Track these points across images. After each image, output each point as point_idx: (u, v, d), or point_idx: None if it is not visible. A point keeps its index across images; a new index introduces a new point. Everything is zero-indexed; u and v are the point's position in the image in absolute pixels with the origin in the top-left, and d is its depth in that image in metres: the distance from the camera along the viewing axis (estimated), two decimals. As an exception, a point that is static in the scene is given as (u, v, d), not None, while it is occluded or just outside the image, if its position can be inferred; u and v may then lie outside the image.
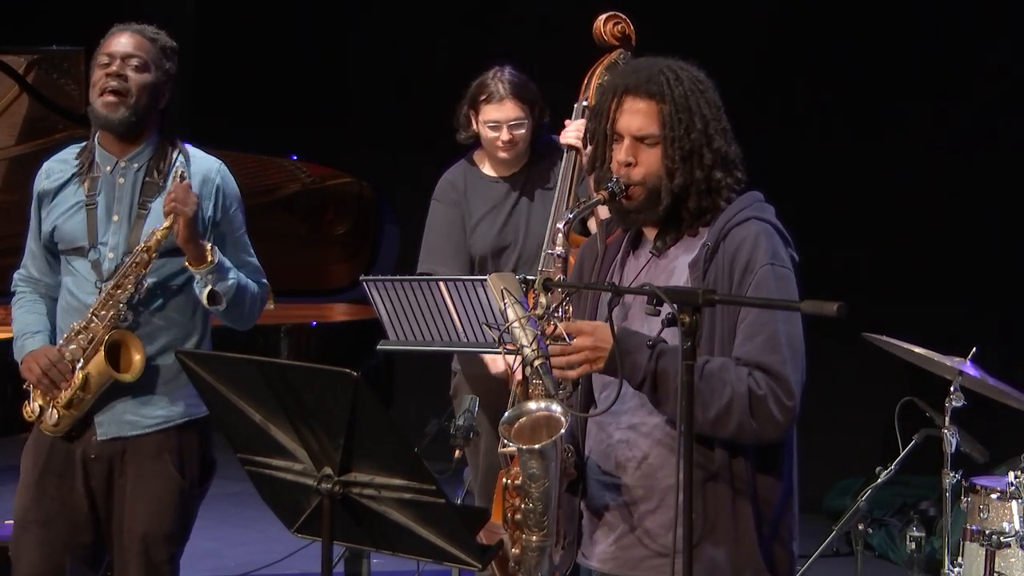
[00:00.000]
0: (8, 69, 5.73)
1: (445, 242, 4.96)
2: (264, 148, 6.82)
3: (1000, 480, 4.98)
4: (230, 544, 7.25)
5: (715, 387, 3.01)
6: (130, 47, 4.07)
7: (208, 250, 4.01)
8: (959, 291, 7.69)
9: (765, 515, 3.11)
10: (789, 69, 8.20)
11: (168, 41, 4.15)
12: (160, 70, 4.09)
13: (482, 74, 4.92)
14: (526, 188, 4.96)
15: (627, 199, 3.14)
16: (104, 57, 4.07)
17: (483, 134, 4.91)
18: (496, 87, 4.86)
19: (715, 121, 3.14)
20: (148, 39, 4.10)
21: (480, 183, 5.00)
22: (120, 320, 4.03)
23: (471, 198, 4.98)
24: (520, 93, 4.86)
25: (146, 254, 4.00)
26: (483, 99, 4.87)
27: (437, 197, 5.04)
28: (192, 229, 3.97)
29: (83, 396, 4.04)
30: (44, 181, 4.20)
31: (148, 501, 4.07)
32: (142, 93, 4.05)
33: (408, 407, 7.28)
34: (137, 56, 4.06)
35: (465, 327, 4.54)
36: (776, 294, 3.06)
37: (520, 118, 4.87)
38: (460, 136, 4.98)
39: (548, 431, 3.04)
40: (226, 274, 4.06)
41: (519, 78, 4.90)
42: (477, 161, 5.05)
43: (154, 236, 4.00)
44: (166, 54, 4.12)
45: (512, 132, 4.87)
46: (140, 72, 4.06)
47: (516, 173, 4.99)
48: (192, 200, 3.98)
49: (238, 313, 4.13)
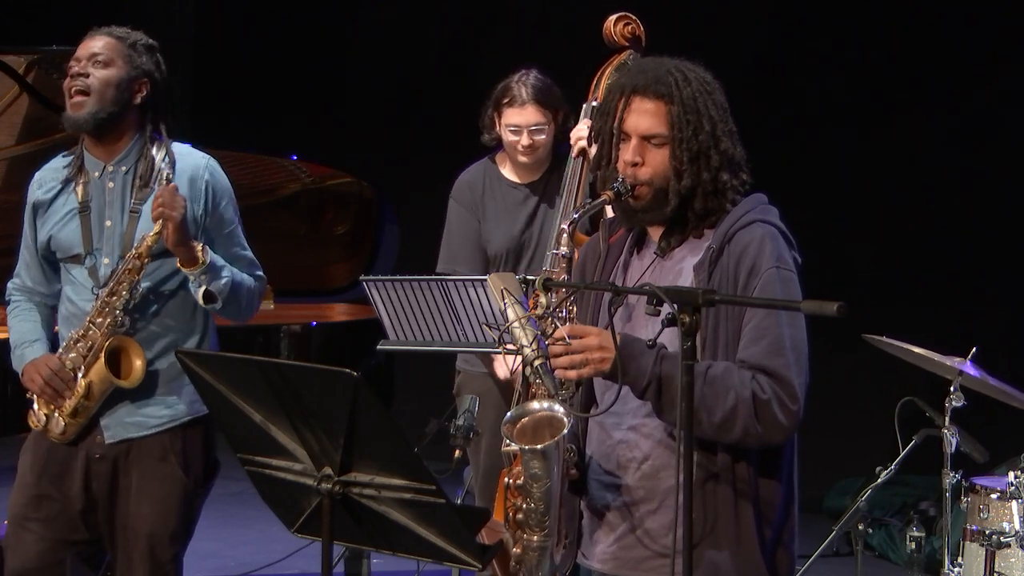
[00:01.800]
0: (8, 69, 5.72)
1: (464, 244, 4.96)
2: (264, 148, 6.81)
3: (1000, 480, 4.98)
4: (230, 544, 7.24)
5: (719, 392, 3.00)
6: (94, 48, 4.06)
7: (199, 251, 4.00)
8: (959, 291, 7.69)
9: (766, 516, 3.11)
10: (790, 70, 8.21)
11: (142, 38, 4.13)
12: (130, 65, 4.06)
13: (508, 76, 4.89)
14: (546, 195, 4.94)
15: (633, 199, 3.14)
16: (72, 63, 4.08)
17: (504, 137, 4.89)
18: (519, 91, 4.83)
19: (722, 123, 3.14)
20: (115, 37, 4.09)
21: (498, 185, 4.99)
22: (118, 326, 4.02)
23: (487, 200, 4.97)
24: (543, 98, 4.83)
25: (138, 260, 3.99)
26: (506, 102, 4.84)
27: (455, 197, 5.03)
28: (181, 233, 3.94)
29: (87, 404, 4.03)
30: (37, 191, 4.19)
31: (154, 501, 4.07)
32: (106, 87, 4.03)
33: (408, 407, 7.28)
34: (100, 54, 4.05)
35: (465, 327, 4.54)
36: (781, 297, 3.06)
37: (541, 123, 4.85)
38: (484, 138, 4.96)
39: (550, 431, 3.04)
40: (219, 272, 4.05)
41: (543, 83, 4.86)
42: (499, 163, 5.03)
43: (144, 242, 3.98)
44: (137, 50, 4.09)
45: (532, 137, 4.85)
46: (103, 68, 4.04)
47: (536, 181, 4.97)
48: (180, 203, 3.95)
49: (235, 309, 4.13)
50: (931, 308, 7.62)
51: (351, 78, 9.95)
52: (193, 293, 4.04)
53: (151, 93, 4.10)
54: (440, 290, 4.53)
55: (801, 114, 8.20)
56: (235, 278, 4.09)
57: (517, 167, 4.97)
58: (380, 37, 9.70)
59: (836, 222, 7.92)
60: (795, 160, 7.93)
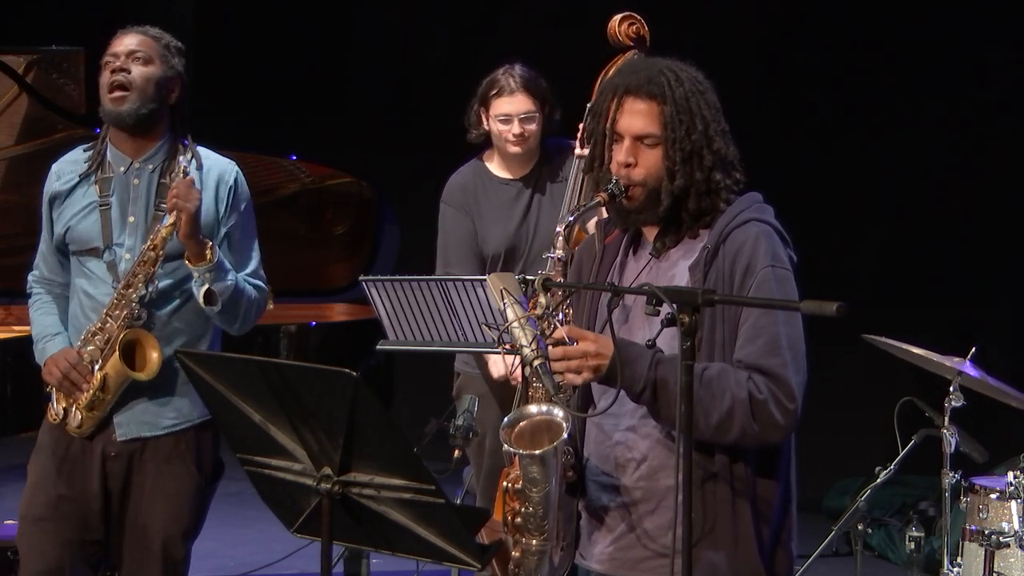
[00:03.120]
0: (8, 69, 5.73)
1: (459, 247, 4.95)
2: (263, 148, 6.81)
3: (999, 480, 4.98)
4: (230, 544, 7.24)
5: (716, 393, 3.00)
6: (133, 44, 4.11)
7: (208, 248, 4.01)
8: (959, 291, 7.69)
9: (764, 515, 3.11)
10: (790, 69, 8.21)
11: (173, 41, 4.19)
12: (166, 65, 4.12)
13: (491, 72, 4.92)
14: (538, 186, 4.95)
15: (627, 200, 3.14)
16: (109, 58, 4.12)
17: (494, 129, 4.90)
18: (507, 81, 4.87)
19: (715, 122, 3.14)
20: (152, 37, 4.15)
21: (490, 184, 4.99)
22: (134, 319, 4.04)
23: (481, 200, 4.97)
24: (531, 87, 4.87)
25: (153, 252, 4.01)
26: (494, 93, 4.87)
27: (446, 200, 5.03)
28: (193, 225, 3.97)
29: (103, 397, 4.04)
30: (55, 183, 4.21)
31: (168, 500, 4.08)
32: (147, 84, 4.07)
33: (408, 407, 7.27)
34: (140, 51, 4.09)
35: (465, 327, 4.54)
36: (777, 296, 3.06)
37: (531, 111, 4.87)
38: (471, 135, 4.97)
39: (549, 435, 3.04)
40: (224, 275, 4.05)
41: (530, 73, 4.91)
42: (487, 161, 5.03)
43: (159, 233, 4.00)
44: (170, 51, 4.15)
45: (523, 126, 4.86)
46: (144, 65, 4.08)
47: (527, 175, 4.98)
48: (194, 196, 3.98)
49: (233, 316, 4.12)
50: (931, 308, 7.62)
51: (351, 78, 9.94)
52: (195, 291, 4.04)
53: (181, 95, 4.15)
54: (440, 290, 4.54)
55: (801, 114, 8.19)
56: (239, 285, 4.10)
57: (508, 161, 4.97)
58: (380, 37, 9.70)
59: (836, 222, 7.92)
60: (795, 160, 7.93)
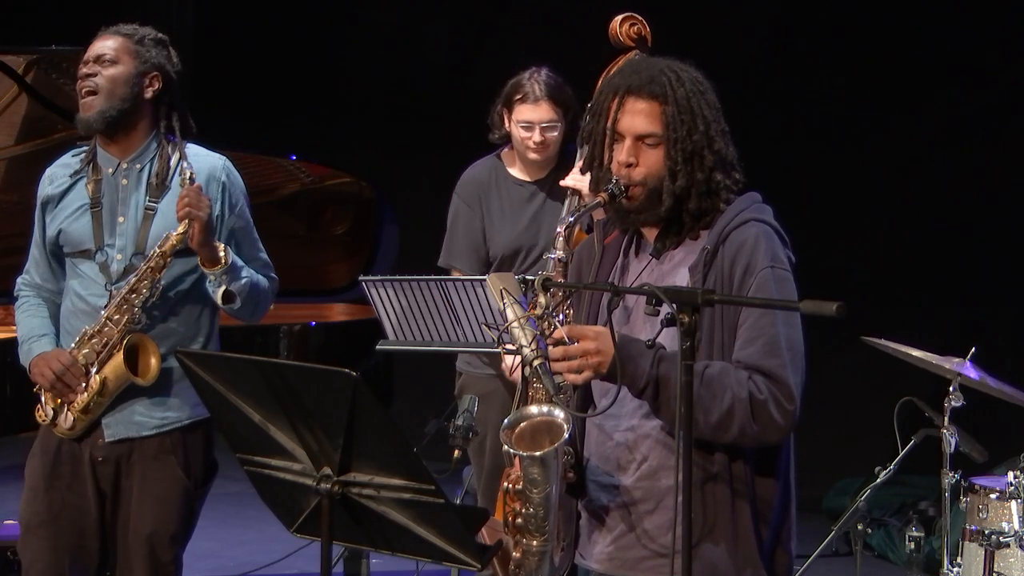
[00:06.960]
0: (8, 69, 5.72)
1: (465, 241, 4.97)
2: (263, 148, 6.81)
3: (999, 480, 4.98)
4: (230, 544, 7.25)
5: (716, 392, 3.00)
6: (101, 48, 4.09)
7: (221, 251, 4.02)
8: (959, 291, 7.69)
9: (764, 515, 3.11)
10: (790, 69, 8.20)
11: (151, 33, 4.15)
12: (138, 60, 4.08)
13: (518, 74, 4.90)
14: (552, 192, 4.94)
15: (627, 200, 3.13)
16: (80, 66, 4.11)
17: (515, 134, 4.90)
18: (532, 87, 4.85)
19: (715, 123, 3.14)
20: (123, 35, 4.11)
21: (505, 183, 4.99)
22: (135, 324, 4.03)
23: (492, 197, 4.98)
24: (556, 95, 4.85)
25: (161, 259, 4.01)
26: (518, 98, 4.86)
27: (459, 193, 5.04)
28: (207, 233, 3.98)
29: (100, 400, 4.04)
30: (48, 187, 4.20)
31: (155, 502, 4.08)
32: (114, 86, 4.05)
33: (408, 407, 7.28)
34: (107, 54, 4.07)
35: (464, 327, 4.54)
36: (777, 296, 3.06)
37: (553, 120, 4.86)
38: (492, 135, 4.97)
39: (549, 437, 3.04)
40: (239, 273, 4.07)
41: (556, 80, 4.88)
42: (505, 160, 5.03)
43: (169, 241, 4.00)
44: (145, 44, 4.11)
45: (544, 134, 4.86)
46: (109, 66, 4.06)
47: (543, 178, 4.97)
48: (205, 203, 3.99)
49: (251, 309, 4.16)
50: (931, 308, 7.62)
51: (350, 78, 9.94)
52: (211, 293, 4.05)
53: (163, 87, 4.12)
54: (440, 290, 4.54)
55: (801, 114, 8.19)
56: (253, 279, 4.12)
57: (525, 165, 4.97)
58: (380, 37, 9.70)
59: (835, 222, 7.92)
60: (795, 160, 7.93)
